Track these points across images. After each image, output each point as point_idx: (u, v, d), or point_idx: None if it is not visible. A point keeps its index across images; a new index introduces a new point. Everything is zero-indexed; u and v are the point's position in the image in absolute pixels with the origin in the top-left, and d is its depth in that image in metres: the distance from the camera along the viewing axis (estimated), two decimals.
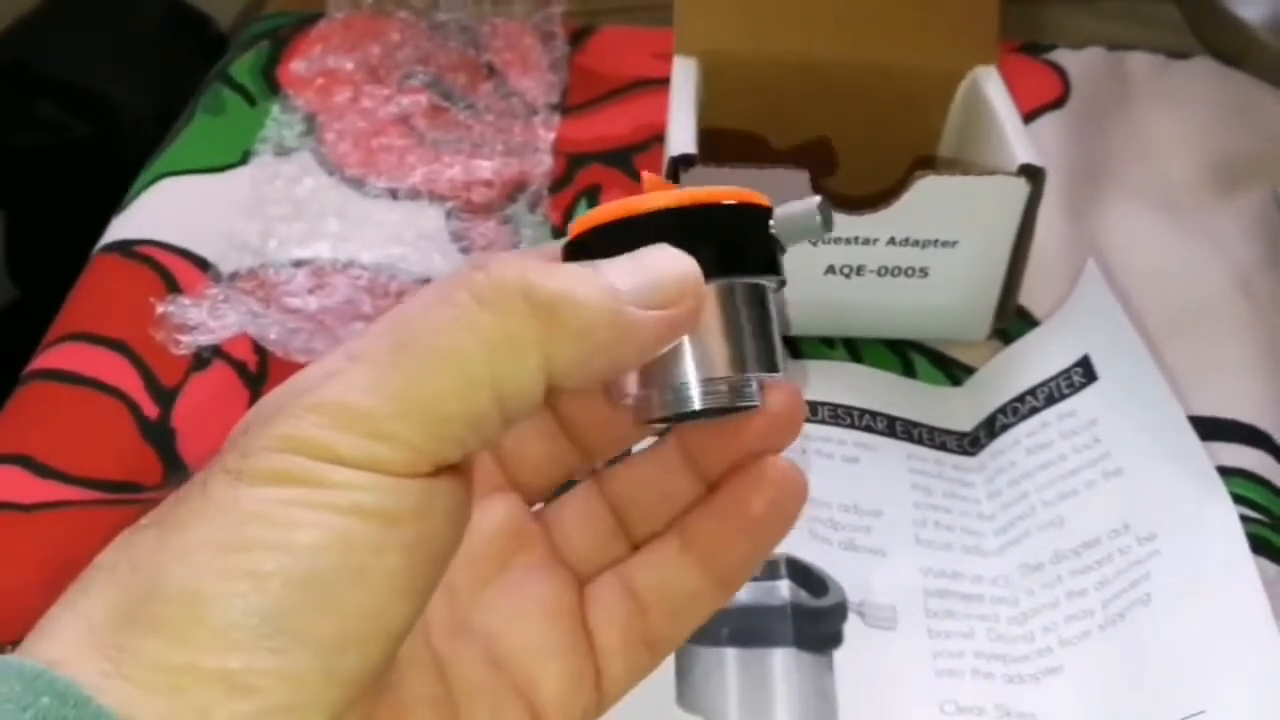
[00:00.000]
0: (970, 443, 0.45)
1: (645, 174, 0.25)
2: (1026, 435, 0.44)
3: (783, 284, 0.25)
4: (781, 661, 0.37)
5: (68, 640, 0.21)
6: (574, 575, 0.28)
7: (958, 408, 0.46)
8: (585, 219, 0.24)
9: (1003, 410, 0.45)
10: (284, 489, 0.21)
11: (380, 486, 0.21)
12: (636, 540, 0.28)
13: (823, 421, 0.44)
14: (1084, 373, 0.44)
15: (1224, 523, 0.38)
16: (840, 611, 0.39)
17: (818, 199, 0.25)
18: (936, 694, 0.37)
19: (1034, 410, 0.44)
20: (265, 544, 0.21)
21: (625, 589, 0.27)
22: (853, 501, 0.42)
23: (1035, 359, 0.46)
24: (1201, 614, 0.36)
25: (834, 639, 0.38)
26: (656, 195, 0.24)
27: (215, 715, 0.20)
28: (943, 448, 0.45)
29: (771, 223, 0.25)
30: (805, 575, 0.39)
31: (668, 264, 0.23)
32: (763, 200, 0.25)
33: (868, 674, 0.37)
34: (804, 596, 0.38)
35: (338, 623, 0.21)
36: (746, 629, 0.38)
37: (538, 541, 0.28)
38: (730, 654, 0.37)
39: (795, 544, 0.39)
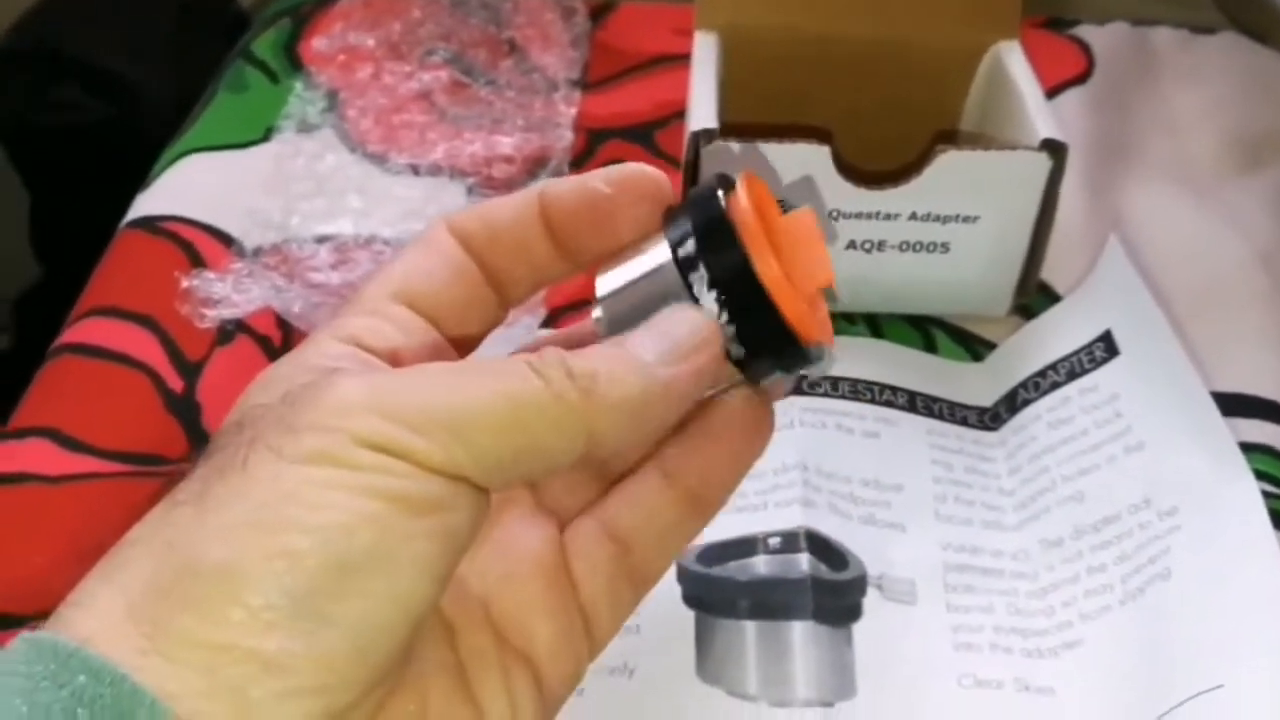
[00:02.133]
0: (991, 418, 0.45)
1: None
2: (1047, 410, 0.44)
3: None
4: (801, 634, 0.37)
5: (104, 615, 0.21)
6: (556, 521, 0.28)
7: (979, 383, 0.46)
8: (747, 217, 0.25)
9: (1024, 385, 0.45)
10: (323, 469, 0.21)
11: (411, 475, 0.22)
12: (611, 477, 0.28)
13: (843, 396, 0.44)
14: (1105, 348, 0.44)
15: (1245, 498, 0.38)
16: (860, 585, 0.39)
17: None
18: (955, 667, 0.37)
19: (1055, 385, 0.44)
20: (301, 524, 0.21)
21: (606, 532, 0.28)
22: (873, 476, 0.42)
23: (1057, 334, 0.46)
24: (1221, 589, 0.36)
25: (853, 612, 0.38)
26: (778, 282, 0.25)
27: (251, 694, 0.20)
28: (963, 423, 0.45)
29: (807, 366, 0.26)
30: (825, 549, 0.39)
31: (682, 321, 0.25)
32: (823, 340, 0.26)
33: (887, 647, 0.38)
34: (824, 570, 0.39)
35: (367, 605, 0.21)
36: (766, 602, 0.38)
37: (523, 490, 0.28)
38: (750, 627, 0.37)
39: (815, 518, 0.40)
